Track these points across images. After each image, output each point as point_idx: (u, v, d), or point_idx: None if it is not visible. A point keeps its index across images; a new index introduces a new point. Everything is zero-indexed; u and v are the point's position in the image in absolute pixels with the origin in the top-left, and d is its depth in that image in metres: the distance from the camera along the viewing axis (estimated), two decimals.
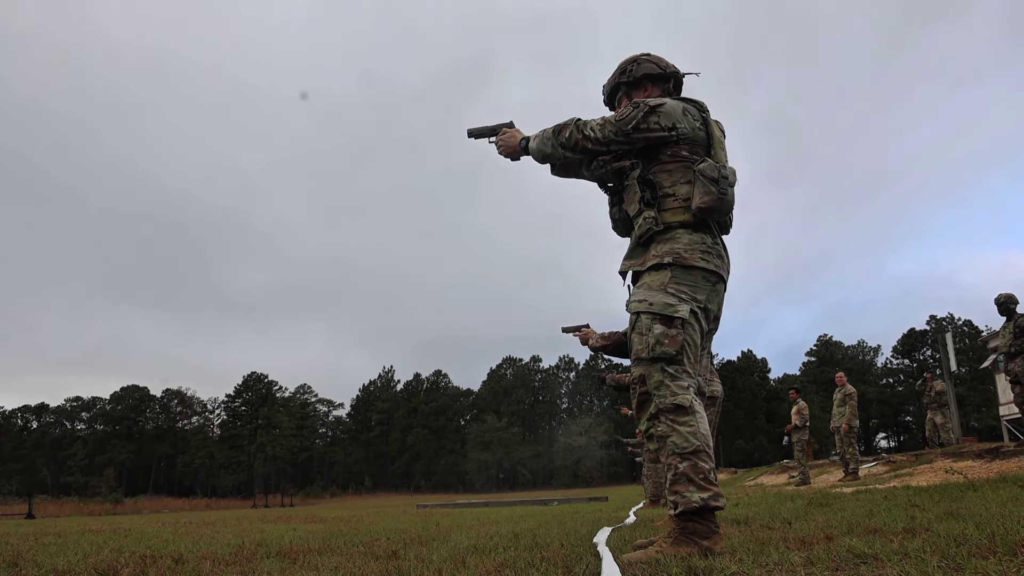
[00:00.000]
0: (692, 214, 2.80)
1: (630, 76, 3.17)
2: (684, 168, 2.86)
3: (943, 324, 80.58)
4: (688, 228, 2.82)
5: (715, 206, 2.76)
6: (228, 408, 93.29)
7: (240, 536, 5.38)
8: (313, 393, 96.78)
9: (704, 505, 2.50)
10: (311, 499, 54.60)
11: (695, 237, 2.81)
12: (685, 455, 2.58)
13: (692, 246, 2.79)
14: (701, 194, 2.76)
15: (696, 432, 2.59)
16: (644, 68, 3.14)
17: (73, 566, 3.28)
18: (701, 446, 2.58)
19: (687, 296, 2.74)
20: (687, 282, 2.76)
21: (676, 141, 2.85)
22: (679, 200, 2.84)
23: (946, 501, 4.41)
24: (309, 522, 8.05)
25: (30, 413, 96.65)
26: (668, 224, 2.82)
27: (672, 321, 2.70)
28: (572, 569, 2.27)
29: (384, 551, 3.47)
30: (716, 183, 2.75)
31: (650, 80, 3.14)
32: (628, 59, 3.22)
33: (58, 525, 10.32)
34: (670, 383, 2.66)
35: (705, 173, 2.78)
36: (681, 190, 2.85)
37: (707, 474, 2.56)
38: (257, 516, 11.45)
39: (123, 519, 14.72)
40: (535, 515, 7.87)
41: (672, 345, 2.68)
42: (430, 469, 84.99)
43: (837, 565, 2.04)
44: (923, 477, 8.72)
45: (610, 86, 3.28)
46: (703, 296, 2.79)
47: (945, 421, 15.57)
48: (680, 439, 2.59)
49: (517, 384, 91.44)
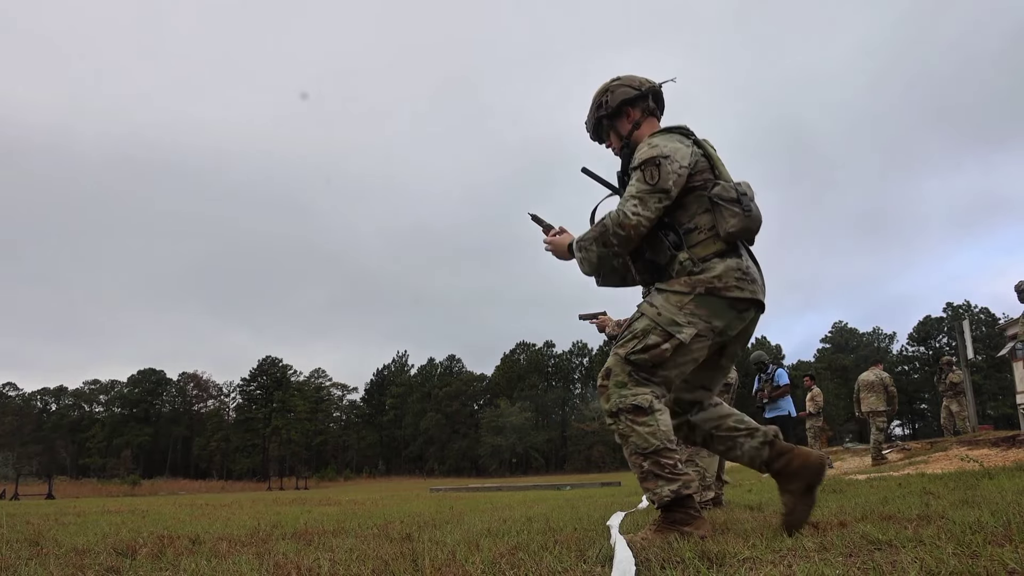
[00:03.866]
0: (723, 241, 2.72)
1: (607, 108, 3.04)
2: (697, 198, 2.78)
3: (960, 312, 79.89)
4: (721, 256, 2.72)
5: (745, 226, 2.68)
6: (243, 392, 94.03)
7: (256, 518, 5.43)
8: (327, 377, 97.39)
9: (676, 496, 2.56)
10: (325, 482, 55.00)
11: (730, 263, 2.71)
12: (647, 454, 2.61)
13: (727, 274, 2.69)
14: (726, 218, 2.68)
15: (655, 432, 2.61)
16: (619, 95, 3.02)
17: (92, 545, 3.33)
18: (661, 445, 2.60)
19: (701, 322, 2.67)
20: (707, 307, 2.68)
21: (692, 175, 2.76)
22: (704, 231, 2.74)
23: (961, 489, 4.39)
24: (323, 505, 8.11)
25: (49, 395, 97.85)
26: (703, 259, 2.72)
27: (669, 338, 2.66)
28: (585, 552, 2.28)
29: (398, 533, 3.50)
30: (738, 203, 2.68)
31: (629, 104, 3.02)
32: (600, 90, 3.10)
33: (77, 505, 10.45)
34: (633, 386, 2.67)
35: (723, 196, 2.70)
36: (703, 221, 2.76)
37: (672, 467, 2.59)
38: (272, 499, 11.55)
39: (140, 500, 14.89)
40: (548, 499, 7.90)
41: (653, 358, 2.66)
42: (443, 453, 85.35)
43: (851, 551, 2.03)
44: (938, 465, 8.67)
45: (592, 122, 3.14)
46: (722, 323, 2.71)
47: (961, 409, 15.45)
48: (640, 439, 2.61)
49: (531, 369, 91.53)
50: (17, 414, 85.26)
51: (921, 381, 78.30)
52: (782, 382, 11.39)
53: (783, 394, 11.37)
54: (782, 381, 11.40)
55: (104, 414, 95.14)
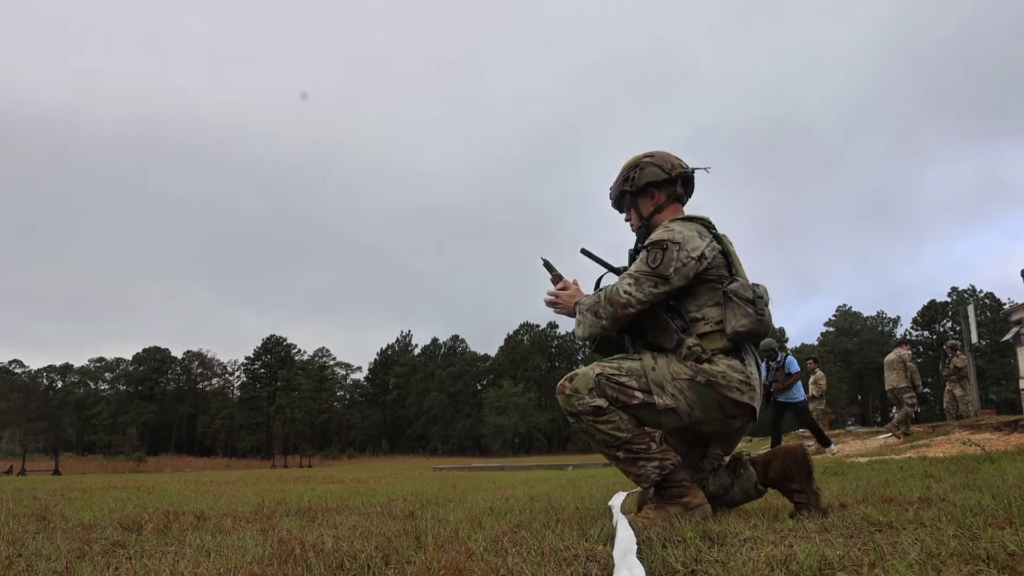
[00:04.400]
0: (728, 339, 2.64)
1: (633, 184, 2.96)
2: (709, 290, 2.71)
3: (965, 296, 79.66)
4: (726, 354, 2.64)
5: (754, 329, 2.59)
6: (248, 370, 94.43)
7: (260, 495, 5.47)
8: (331, 356, 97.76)
9: (661, 471, 2.58)
10: (329, 460, 55.39)
11: (735, 365, 2.63)
12: (618, 446, 2.61)
13: (730, 374, 2.61)
14: (737, 317, 2.60)
15: (619, 426, 2.60)
16: (647, 175, 2.92)
17: (99, 520, 3.35)
18: (629, 435, 2.60)
19: (683, 403, 2.60)
20: (698, 395, 2.60)
21: (706, 269, 2.68)
22: (711, 324, 2.67)
23: (963, 472, 4.40)
24: (327, 483, 8.17)
25: (55, 373, 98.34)
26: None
27: (646, 393, 2.61)
28: (587, 531, 2.29)
29: (401, 511, 3.52)
30: (753, 304, 2.60)
31: (655, 187, 2.93)
32: (630, 164, 3.00)
33: (83, 481, 10.54)
34: (594, 397, 2.62)
35: (739, 295, 2.62)
36: (711, 313, 2.68)
37: (647, 449, 2.60)
38: (276, 476, 11.63)
39: (146, 477, 15.00)
40: (550, 479, 7.94)
41: (620, 395, 2.60)
42: (447, 433, 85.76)
43: (851, 532, 2.04)
44: (940, 448, 8.69)
45: (616, 193, 3.06)
46: (702, 416, 2.63)
47: (964, 393, 15.45)
48: (605, 436, 2.61)
49: (534, 350, 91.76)
50: (23, 391, 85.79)
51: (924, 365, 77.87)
52: (793, 370, 11.42)
53: (795, 382, 11.42)
54: (793, 369, 11.43)
55: (109, 392, 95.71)
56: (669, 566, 1.62)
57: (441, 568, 1.59)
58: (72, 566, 1.88)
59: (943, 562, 1.52)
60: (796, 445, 2.79)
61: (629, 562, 1.45)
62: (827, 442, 11.59)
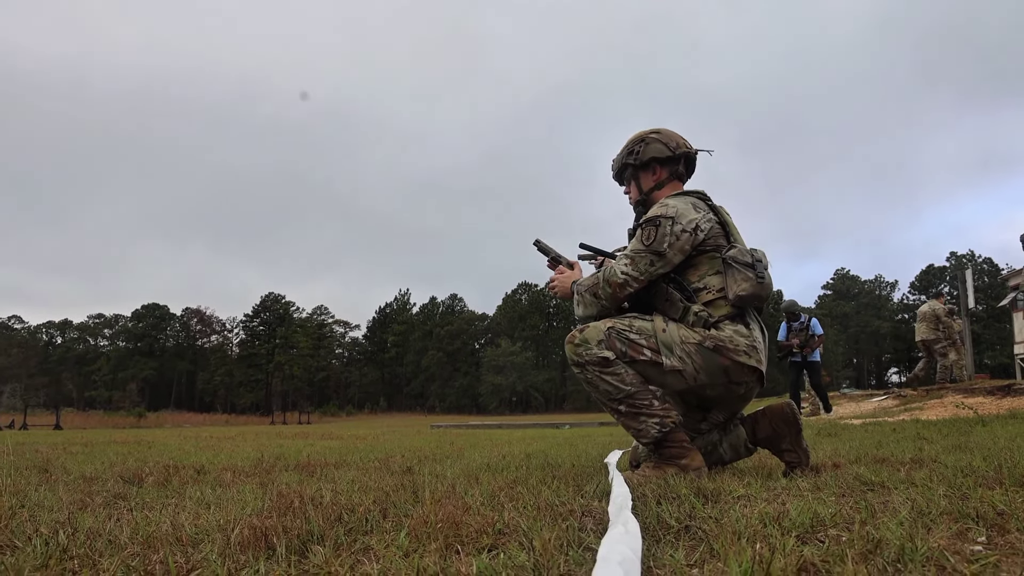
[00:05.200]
0: (731, 305, 2.67)
1: (636, 158, 2.98)
2: (709, 259, 2.74)
3: (963, 261, 79.70)
4: (731, 320, 2.68)
5: (755, 292, 2.62)
6: (246, 328, 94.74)
7: (259, 450, 5.52)
8: (330, 314, 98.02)
9: (661, 428, 2.59)
10: (327, 417, 55.72)
11: (740, 329, 2.66)
12: (620, 399, 2.63)
13: (737, 338, 2.64)
14: (738, 281, 2.63)
15: (623, 380, 2.62)
16: (652, 150, 2.95)
17: (100, 473, 3.39)
18: (633, 389, 2.62)
19: (690, 366, 2.63)
20: (704, 360, 2.63)
21: (703, 240, 2.70)
22: (713, 292, 2.70)
23: (955, 435, 4.45)
24: (326, 439, 8.24)
25: (54, 329, 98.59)
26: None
27: (654, 352, 2.63)
28: (583, 488, 2.32)
29: (399, 467, 3.56)
30: (752, 268, 2.63)
31: (658, 163, 2.96)
32: (636, 137, 3.03)
33: (84, 436, 10.62)
34: (602, 349, 2.64)
35: (738, 260, 2.65)
36: (712, 282, 2.72)
37: (649, 405, 2.62)
38: (275, 432, 11.73)
39: (146, 432, 15.13)
40: (547, 437, 8.01)
41: (629, 349, 2.63)
42: (444, 391, 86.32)
43: (844, 491, 2.07)
44: (933, 412, 8.76)
45: (618, 165, 3.09)
46: (707, 380, 2.66)
47: (959, 358, 15.53)
48: (610, 387, 2.63)
49: (532, 310, 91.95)
50: (22, 347, 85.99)
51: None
52: (818, 332, 11.61)
53: (819, 343, 11.60)
54: (818, 331, 11.63)
55: (109, 348, 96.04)
56: (663, 522, 1.65)
57: (438, 521, 1.61)
58: (74, 517, 1.90)
59: (933, 520, 1.54)
60: (784, 403, 2.82)
61: (624, 517, 1.47)
62: (829, 408, 11.71)
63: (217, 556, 1.40)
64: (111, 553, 1.45)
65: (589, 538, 1.49)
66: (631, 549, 1.22)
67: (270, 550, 1.46)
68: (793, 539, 1.40)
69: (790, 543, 1.35)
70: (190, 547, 1.50)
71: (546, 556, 1.32)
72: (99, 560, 1.40)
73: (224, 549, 1.47)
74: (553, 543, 1.40)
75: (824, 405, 11.67)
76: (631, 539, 1.30)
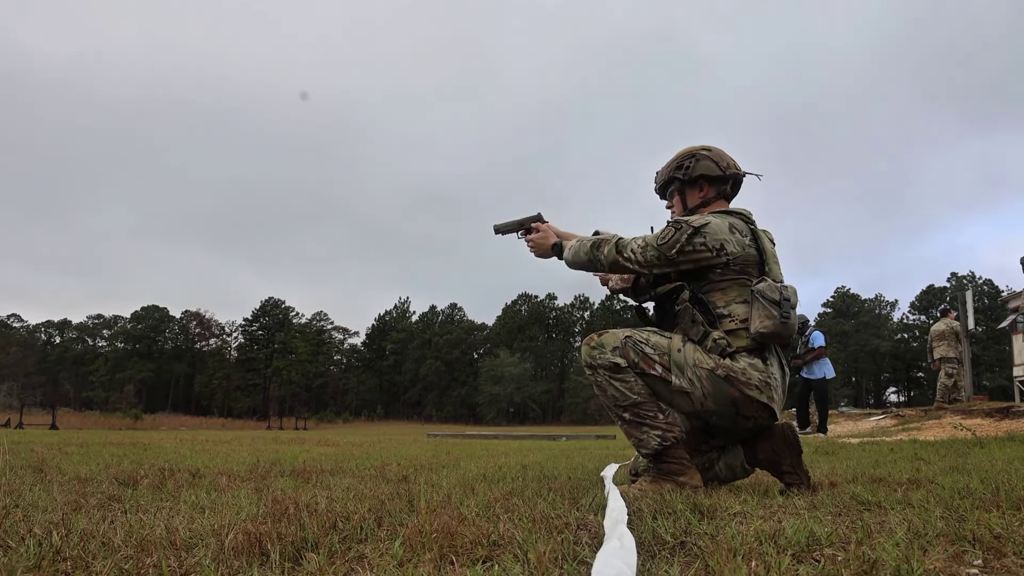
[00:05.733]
0: (751, 339, 2.63)
1: (686, 173, 2.94)
2: (739, 286, 2.69)
3: (964, 282, 79.71)
4: (749, 353, 2.64)
5: (777, 332, 2.57)
6: (245, 332, 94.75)
7: (255, 455, 5.51)
8: (329, 320, 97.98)
9: (662, 442, 2.58)
10: (324, 424, 55.66)
11: (756, 363, 2.62)
12: (626, 407, 2.63)
13: (751, 372, 2.60)
14: (761, 318, 2.58)
15: (632, 388, 2.61)
16: (702, 167, 2.91)
17: (95, 474, 3.38)
18: (640, 399, 2.61)
19: (699, 390, 2.60)
20: (714, 387, 2.59)
21: (725, 263, 2.67)
22: (736, 321, 2.66)
23: (952, 456, 4.43)
24: (322, 445, 8.22)
25: (53, 328, 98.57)
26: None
27: (665, 371, 2.62)
28: (579, 501, 2.31)
29: (395, 475, 3.55)
30: (778, 306, 2.57)
31: (707, 181, 2.92)
32: (686, 152, 2.98)
33: (80, 436, 10.60)
34: (616, 355, 2.64)
35: (765, 295, 2.59)
36: (737, 310, 2.67)
37: (654, 417, 2.61)
38: (271, 437, 11.71)
39: (142, 434, 15.10)
40: (544, 449, 7.99)
41: (642, 362, 2.63)
42: (442, 400, 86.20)
43: (840, 511, 2.06)
44: (931, 432, 8.74)
45: (664, 178, 3.04)
46: (713, 407, 2.62)
47: (959, 378, 15.50)
48: (617, 392, 2.63)
49: (531, 320, 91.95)
50: (21, 345, 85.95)
51: (919, 350, 78.29)
52: (817, 344, 11.18)
53: (818, 356, 11.17)
54: (817, 343, 11.19)
55: (107, 348, 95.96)
56: (659, 537, 1.64)
57: (433, 531, 1.61)
58: (68, 518, 1.90)
59: (929, 542, 1.54)
60: (784, 425, 2.79)
61: (619, 532, 1.46)
62: (825, 429, 11.46)
63: (211, 561, 1.40)
64: (104, 555, 1.44)
65: (584, 552, 1.48)
66: (626, 564, 1.22)
67: (264, 556, 1.46)
68: (789, 557, 1.39)
69: (786, 561, 1.34)
70: (184, 551, 1.50)
71: (541, 569, 1.31)
72: (92, 562, 1.39)
73: (218, 554, 1.46)
74: (548, 556, 1.39)
75: (821, 424, 11.43)
76: (626, 554, 1.29)
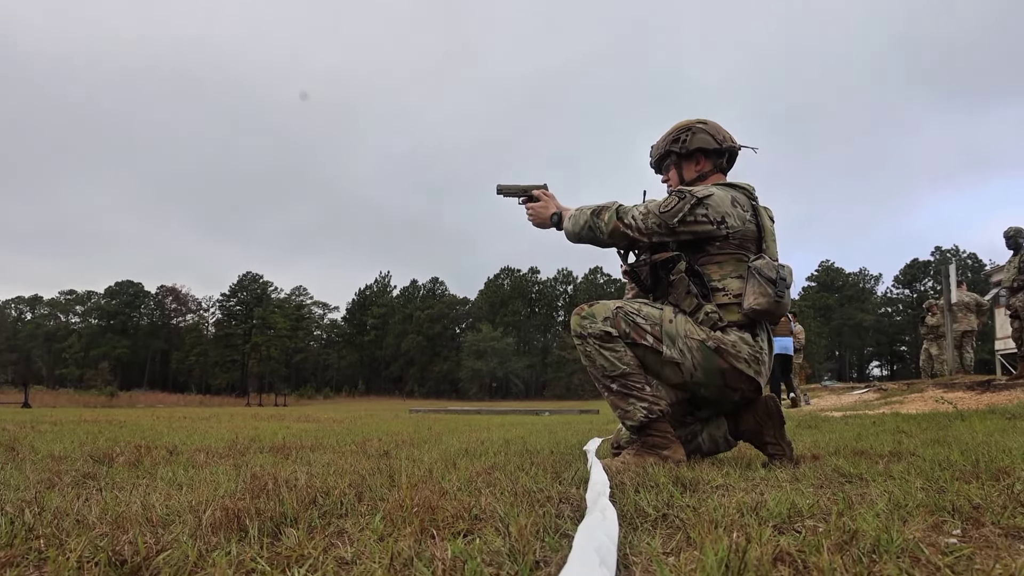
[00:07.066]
0: (744, 314, 2.64)
1: (682, 146, 2.94)
2: (735, 261, 2.70)
3: (947, 256, 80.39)
4: (739, 328, 2.65)
5: (770, 309, 2.60)
6: (223, 307, 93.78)
7: (234, 431, 5.48)
8: (309, 295, 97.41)
9: (648, 414, 2.59)
10: (304, 400, 55.61)
11: (746, 337, 2.64)
12: (614, 377, 2.63)
13: (741, 345, 2.62)
14: (756, 295, 2.60)
15: (622, 358, 2.62)
16: (698, 140, 2.92)
17: (69, 452, 3.34)
18: (629, 369, 2.61)
19: (688, 361, 2.62)
20: (705, 358, 2.61)
21: (725, 236, 2.67)
22: (730, 296, 2.67)
23: (933, 429, 4.48)
24: (302, 421, 8.19)
25: (24, 304, 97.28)
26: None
27: (656, 341, 2.62)
28: (561, 474, 2.30)
29: (376, 451, 3.54)
30: (773, 284, 2.59)
31: (703, 154, 2.93)
32: (682, 126, 2.98)
33: (54, 415, 10.51)
34: (607, 325, 2.64)
35: (762, 272, 2.61)
36: (732, 284, 2.68)
37: (641, 388, 2.61)
38: (251, 414, 11.67)
39: (118, 412, 14.99)
40: (526, 424, 8.01)
41: (632, 331, 2.63)
42: (424, 375, 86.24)
43: (822, 483, 2.07)
44: (913, 405, 8.84)
45: (659, 151, 3.03)
46: (703, 378, 2.64)
47: (940, 352, 15.67)
48: (606, 362, 2.63)
49: (514, 295, 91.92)
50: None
51: (903, 323, 79.40)
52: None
53: (781, 333, 11.41)
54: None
55: (81, 325, 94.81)
56: (641, 510, 1.64)
57: (414, 506, 1.59)
58: (41, 496, 1.86)
59: (910, 512, 1.54)
60: (766, 396, 2.81)
61: (601, 504, 1.45)
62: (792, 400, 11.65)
63: (188, 537, 1.37)
64: (79, 533, 1.41)
65: (566, 524, 1.47)
66: (608, 536, 1.21)
67: (242, 532, 1.44)
68: (770, 529, 1.39)
69: (767, 533, 1.34)
70: (160, 528, 1.47)
71: (522, 542, 1.30)
72: (66, 540, 1.36)
73: (195, 530, 1.44)
74: (529, 529, 1.38)
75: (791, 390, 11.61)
76: (608, 526, 1.28)
